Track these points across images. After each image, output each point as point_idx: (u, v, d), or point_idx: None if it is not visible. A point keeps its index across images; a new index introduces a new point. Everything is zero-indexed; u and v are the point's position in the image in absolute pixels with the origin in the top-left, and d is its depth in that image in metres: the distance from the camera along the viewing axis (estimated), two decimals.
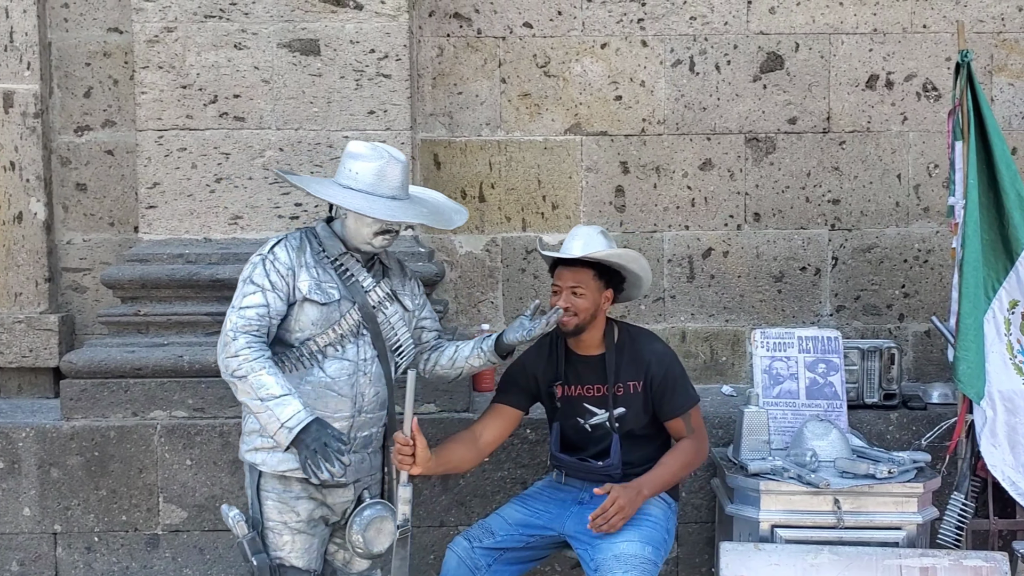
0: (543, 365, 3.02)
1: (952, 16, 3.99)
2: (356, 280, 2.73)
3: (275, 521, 2.67)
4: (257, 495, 2.68)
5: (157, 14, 3.62)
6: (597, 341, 2.99)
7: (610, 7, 4.00)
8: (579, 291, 2.89)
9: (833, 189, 4.06)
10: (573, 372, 3.00)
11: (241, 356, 2.55)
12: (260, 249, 2.72)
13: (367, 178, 2.68)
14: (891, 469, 2.99)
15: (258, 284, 2.64)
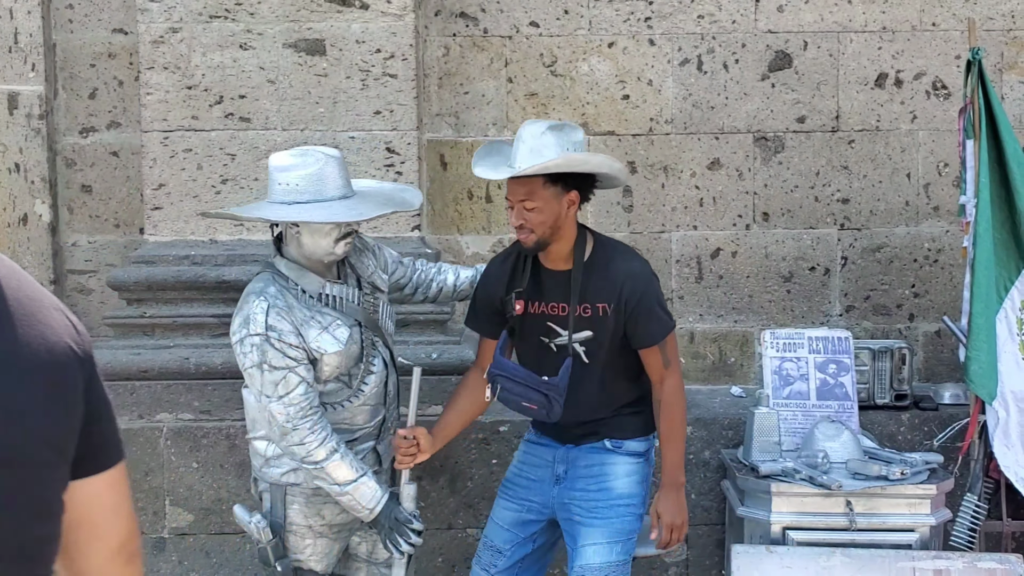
0: (507, 279, 2.75)
1: (962, 14, 3.96)
2: (347, 301, 2.63)
3: (299, 524, 2.65)
4: (283, 500, 2.64)
5: (162, 15, 3.60)
6: (566, 254, 2.70)
7: (617, 6, 3.98)
8: (529, 204, 2.59)
9: (842, 188, 4.03)
10: (538, 287, 2.72)
11: (307, 444, 2.51)
12: (245, 327, 2.53)
13: (309, 186, 2.52)
14: (904, 470, 2.97)
15: (281, 367, 2.50)
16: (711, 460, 3.52)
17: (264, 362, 2.51)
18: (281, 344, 2.50)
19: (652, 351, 2.71)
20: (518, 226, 2.62)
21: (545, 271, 2.72)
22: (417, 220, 3.69)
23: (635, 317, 2.68)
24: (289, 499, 2.65)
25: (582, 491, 2.74)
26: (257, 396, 2.56)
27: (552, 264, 2.72)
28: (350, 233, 2.59)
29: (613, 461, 2.75)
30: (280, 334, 2.50)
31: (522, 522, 2.83)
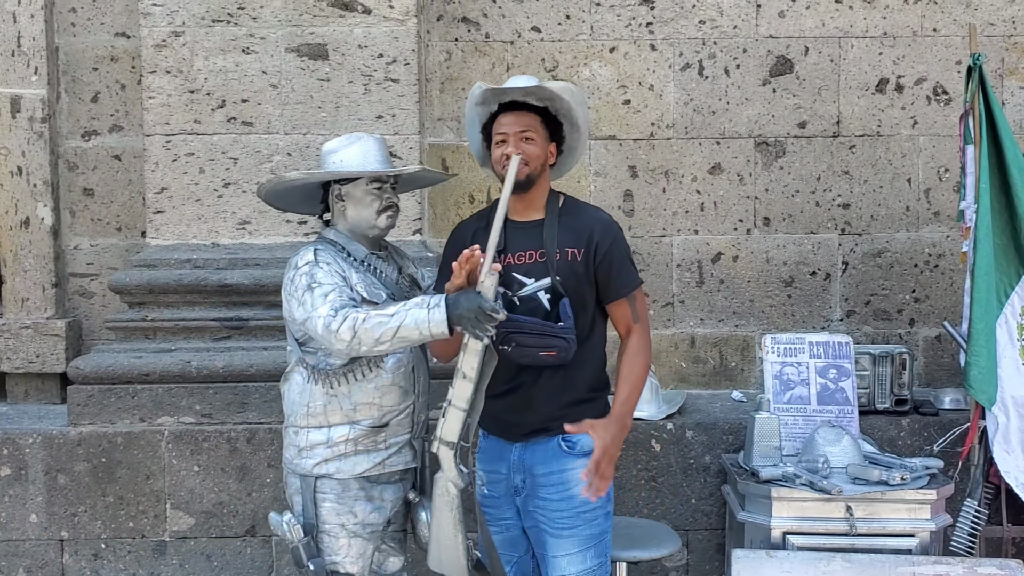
0: (471, 236, 2.64)
1: (962, 20, 3.97)
2: (387, 276, 2.72)
3: (332, 524, 2.63)
4: (313, 499, 2.64)
5: (165, 19, 3.61)
6: (540, 204, 2.65)
7: (619, 11, 3.98)
8: (529, 135, 2.57)
9: (843, 193, 4.04)
10: (510, 241, 2.62)
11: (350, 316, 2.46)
12: (297, 261, 2.61)
13: (354, 159, 2.65)
14: (904, 475, 2.97)
15: (324, 282, 2.54)
16: (712, 465, 3.52)
17: (313, 282, 2.54)
18: (327, 269, 2.57)
19: (621, 304, 2.65)
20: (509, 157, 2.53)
21: (511, 224, 2.61)
22: (419, 224, 3.70)
23: (607, 264, 2.61)
24: (320, 496, 2.63)
25: (543, 500, 2.63)
26: (304, 315, 2.52)
27: (521, 215, 2.64)
28: (391, 206, 2.68)
29: (571, 466, 2.61)
30: (327, 263, 2.58)
31: (510, 541, 2.73)
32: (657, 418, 3.56)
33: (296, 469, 2.67)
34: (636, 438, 3.53)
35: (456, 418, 2.52)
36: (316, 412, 2.62)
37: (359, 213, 2.67)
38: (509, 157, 2.53)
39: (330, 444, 2.62)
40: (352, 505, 2.64)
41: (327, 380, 2.61)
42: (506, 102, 2.61)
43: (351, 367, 2.61)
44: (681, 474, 3.53)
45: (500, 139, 2.59)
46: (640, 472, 3.53)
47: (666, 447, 3.53)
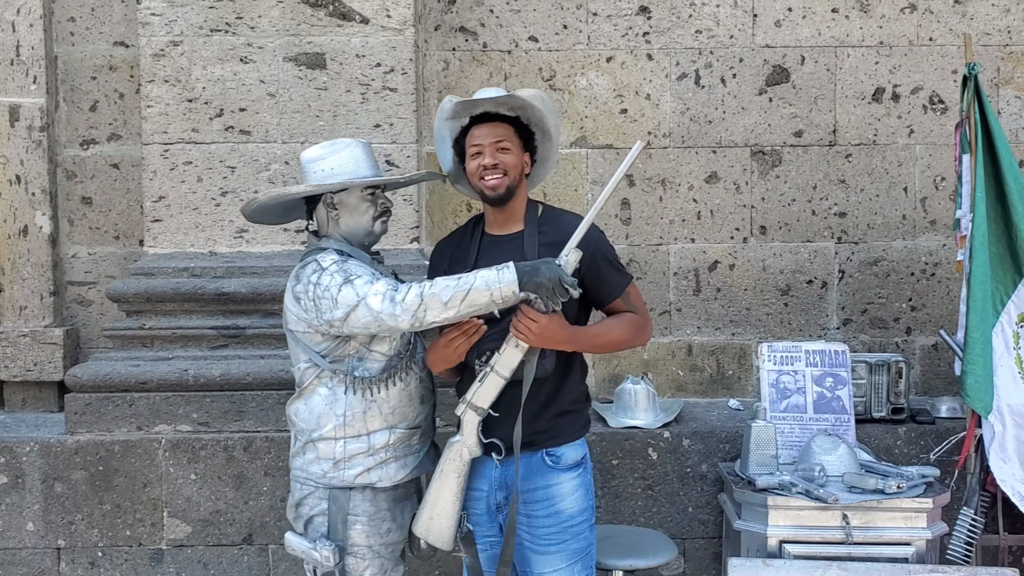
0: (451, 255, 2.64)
1: (958, 29, 3.99)
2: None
3: (360, 546, 2.60)
4: (345, 520, 2.59)
5: (163, 28, 3.63)
6: (519, 215, 2.62)
7: (615, 21, 4.00)
8: (504, 145, 2.54)
9: (839, 202, 4.05)
10: (485, 257, 2.58)
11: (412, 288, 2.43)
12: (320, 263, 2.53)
13: (346, 166, 2.59)
14: (900, 484, 2.97)
15: (363, 273, 2.50)
16: (708, 473, 3.52)
17: (349, 275, 2.49)
18: (357, 263, 2.55)
19: (616, 304, 2.63)
20: (492, 166, 2.52)
21: (490, 238, 2.61)
22: (416, 232, 3.71)
23: (594, 271, 2.58)
24: (351, 518, 2.59)
25: (528, 517, 2.58)
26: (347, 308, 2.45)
27: (501, 228, 2.61)
28: (386, 211, 2.66)
29: (556, 481, 2.58)
30: (348, 260, 2.55)
31: (494, 558, 2.65)
32: (654, 426, 3.56)
33: (332, 483, 2.59)
34: (633, 446, 3.53)
35: (494, 385, 2.50)
36: (353, 421, 2.57)
37: (355, 221, 2.63)
38: (487, 168, 2.52)
39: (371, 452, 2.58)
40: (380, 525, 2.61)
41: (366, 387, 2.56)
42: (478, 114, 2.58)
43: (390, 373, 2.58)
44: (678, 482, 3.53)
45: (475, 151, 2.56)
46: (637, 480, 3.53)
47: (663, 455, 3.53)
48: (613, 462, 3.53)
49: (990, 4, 4.01)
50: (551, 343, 2.48)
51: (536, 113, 2.61)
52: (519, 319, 2.45)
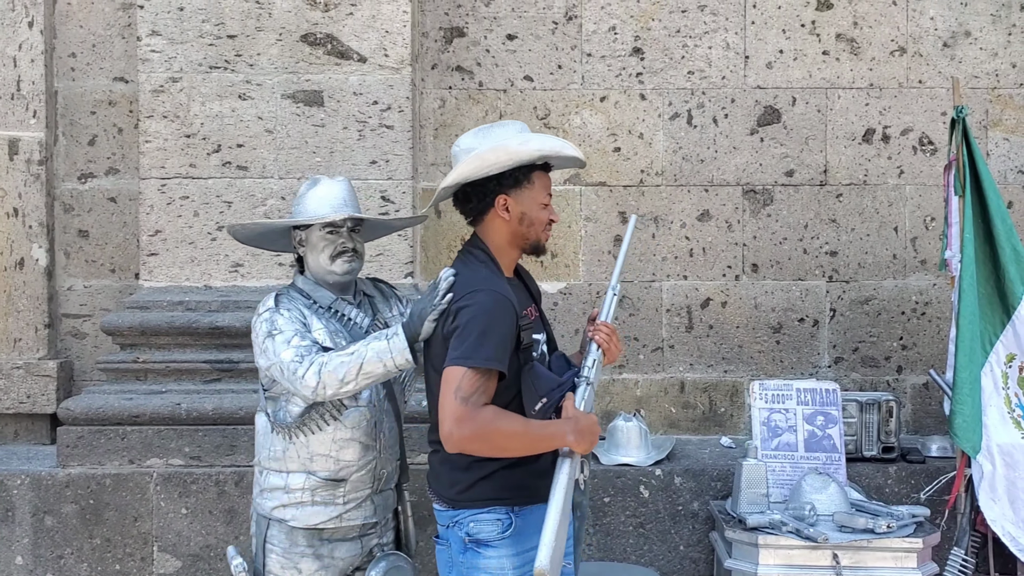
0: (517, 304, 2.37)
1: (947, 72, 4.05)
2: (354, 323, 2.68)
3: (275, 575, 2.63)
4: (263, 546, 2.64)
5: (163, 64, 3.67)
6: None
7: (609, 61, 4.06)
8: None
9: (830, 241, 4.09)
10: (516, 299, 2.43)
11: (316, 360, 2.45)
12: (261, 309, 2.63)
13: (310, 205, 2.66)
14: (890, 524, 2.97)
15: (285, 328, 2.54)
16: (700, 511, 3.52)
17: (273, 329, 2.55)
18: (288, 316, 2.57)
19: None
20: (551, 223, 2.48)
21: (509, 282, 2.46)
22: (410, 267, 3.74)
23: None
24: (268, 547, 2.62)
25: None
26: (268, 362, 2.54)
27: (508, 271, 2.49)
28: (344, 251, 2.64)
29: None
30: (289, 310, 2.59)
31: None
32: (646, 464, 3.57)
33: (257, 508, 2.68)
34: (625, 484, 3.53)
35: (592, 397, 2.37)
36: (276, 456, 2.62)
37: (316, 259, 2.65)
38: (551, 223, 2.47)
39: (287, 490, 2.60)
40: (298, 561, 2.60)
41: (283, 429, 2.60)
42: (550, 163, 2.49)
43: (305, 419, 2.58)
44: (669, 520, 3.53)
45: (548, 202, 2.47)
46: (628, 518, 3.53)
47: (654, 493, 3.53)
48: (605, 499, 3.53)
49: (978, 48, 4.07)
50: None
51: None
52: (601, 330, 2.43)
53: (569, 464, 2.26)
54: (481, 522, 2.32)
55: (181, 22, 3.67)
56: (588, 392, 2.36)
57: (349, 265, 2.65)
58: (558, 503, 2.19)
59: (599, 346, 2.42)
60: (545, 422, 2.28)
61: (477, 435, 2.22)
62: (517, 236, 2.43)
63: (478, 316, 2.25)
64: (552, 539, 2.15)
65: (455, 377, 2.22)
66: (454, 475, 2.35)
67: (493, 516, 2.32)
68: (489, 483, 2.32)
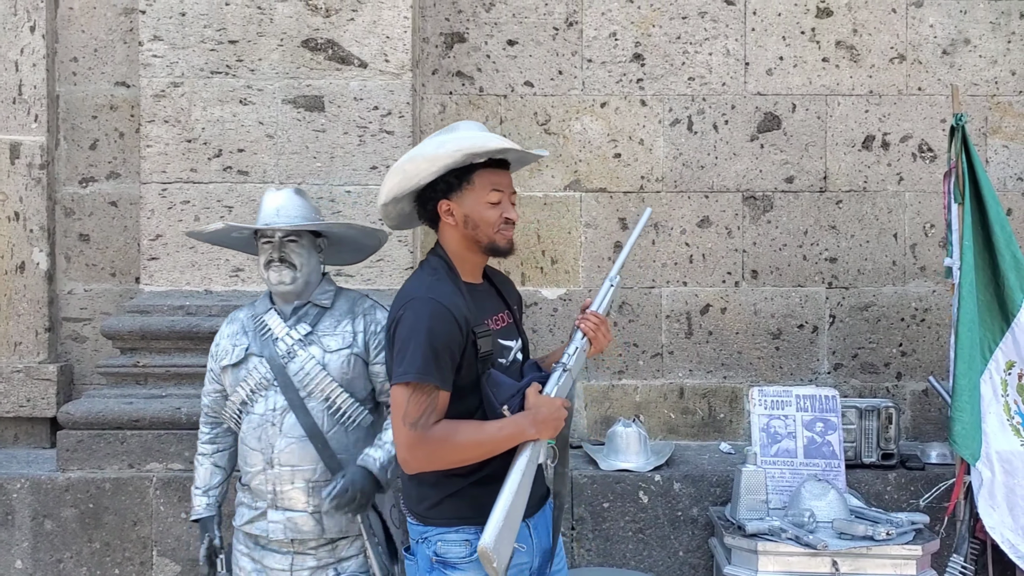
0: (464, 309, 2.26)
1: (947, 79, 4.06)
2: (270, 331, 2.65)
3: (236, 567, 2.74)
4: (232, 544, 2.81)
5: (164, 69, 3.68)
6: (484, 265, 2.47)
7: (610, 67, 4.07)
8: (513, 197, 2.39)
9: (830, 247, 4.09)
10: (480, 307, 2.35)
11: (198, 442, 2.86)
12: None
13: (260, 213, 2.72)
14: (889, 531, 2.97)
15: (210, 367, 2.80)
16: (699, 517, 3.52)
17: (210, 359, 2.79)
18: (214, 349, 2.76)
19: None
20: (508, 221, 2.33)
21: (470, 287, 2.36)
22: (409, 273, 3.73)
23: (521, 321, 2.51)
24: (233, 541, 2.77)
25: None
26: None
27: (472, 277, 2.39)
28: (271, 261, 2.63)
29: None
30: (218, 340, 2.76)
31: None
32: (645, 469, 3.57)
33: None
34: (624, 489, 3.53)
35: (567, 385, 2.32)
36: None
37: (259, 268, 2.71)
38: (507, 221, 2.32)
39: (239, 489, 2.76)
40: (239, 558, 2.72)
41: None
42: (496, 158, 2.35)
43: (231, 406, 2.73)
44: (669, 526, 3.54)
45: (497, 199, 2.32)
46: (628, 524, 3.53)
47: (654, 499, 3.53)
48: (604, 505, 3.53)
49: (977, 55, 4.08)
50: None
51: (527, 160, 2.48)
52: (589, 319, 2.36)
53: (530, 449, 2.22)
54: (449, 542, 2.26)
55: (183, 27, 3.68)
56: (564, 378, 2.31)
57: (278, 275, 2.62)
58: (512, 485, 2.16)
59: (584, 334, 2.36)
60: (502, 422, 2.22)
61: (432, 457, 2.20)
62: (468, 240, 2.34)
63: (413, 327, 2.20)
64: (501, 517, 2.12)
65: (400, 400, 2.19)
66: (422, 490, 2.30)
67: (461, 536, 2.26)
68: (457, 500, 2.27)
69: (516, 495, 2.16)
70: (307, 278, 2.67)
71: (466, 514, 2.25)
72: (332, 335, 2.65)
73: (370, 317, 2.70)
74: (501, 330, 2.37)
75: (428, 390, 2.18)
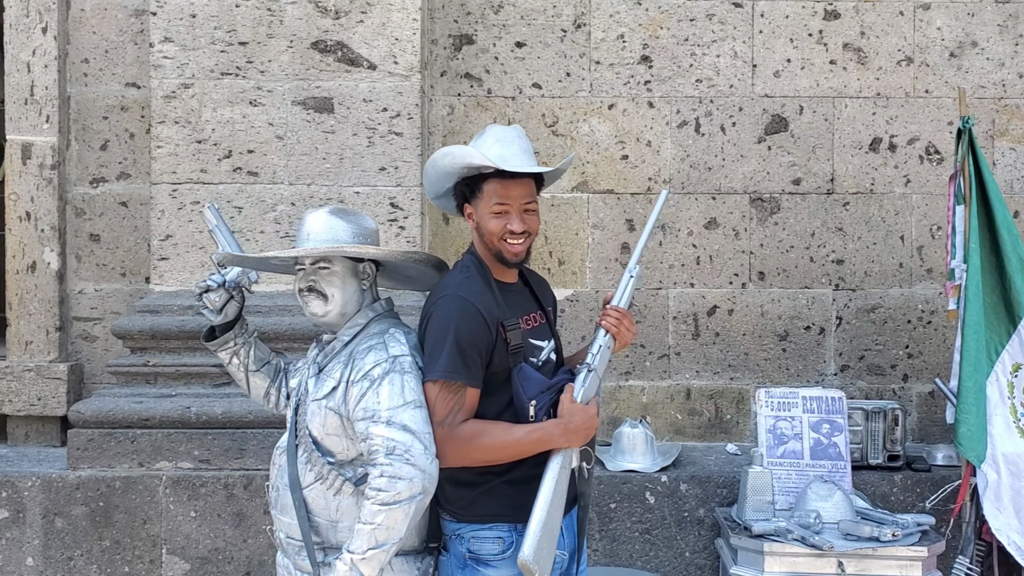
0: (494, 307, 2.27)
1: (954, 81, 4.07)
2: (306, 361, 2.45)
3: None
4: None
5: (175, 71, 3.71)
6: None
7: (618, 69, 4.08)
8: (531, 206, 2.33)
9: (837, 249, 4.10)
10: (513, 305, 2.35)
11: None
12: None
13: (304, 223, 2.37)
14: (895, 532, 2.98)
15: None
16: (705, 518, 3.53)
17: None
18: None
19: None
20: (520, 232, 2.30)
21: (503, 286, 2.37)
22: None
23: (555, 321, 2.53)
24: None
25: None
26: None
27: (508, 277, 2.40)
28: (302, 290, 2.32)
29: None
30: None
31: None
32: (652, 470, 3.59)
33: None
34: (630, 490, 3.55)
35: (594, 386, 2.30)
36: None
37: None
38: (514, 234, 2.29)
39: None
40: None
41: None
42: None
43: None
44: (675, 527, 3.55)
45: (501, 209, 2.30)
46: (634, 524, 3.55)
47: (660, 499, 3.55)
48: (611, 505, 3.54)
49: (985, 58, 4.09)
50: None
51: (556, 174, 2.47)
52: (610, 314, 2.35)
53: (562, 456, 2.23)
54: (482, 539, 2.27)
55: (193, 29, 3.70)
56: (590, 379, 2.31)
57: (313, 307, 2.31)
58: (546, 494, 2.17)
59: (607, 331, 2.36)
60: (533, 426, 2.23)
61: (458, 455, 2.21)
62: (483, 245, 2.36)
63: (441, 326, 2.23)
64: (538, 530, 2.13)
65: (430, 397, 2.21)
66: (456, 490, 2.29)
67: (495, 534, 2.26)
68: (491, 498, 2.27)
69: (551, 504, 2.18)
70: (342, 308, 2.32)
71: (500, 512, 2.26)
72: (329, 379, 2.30)
73: (360, 361, 2.25)
74: (533, 330, 2.37)
75: (455, 388, 2.21)
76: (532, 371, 2.30)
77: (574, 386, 2.29)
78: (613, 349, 2.38)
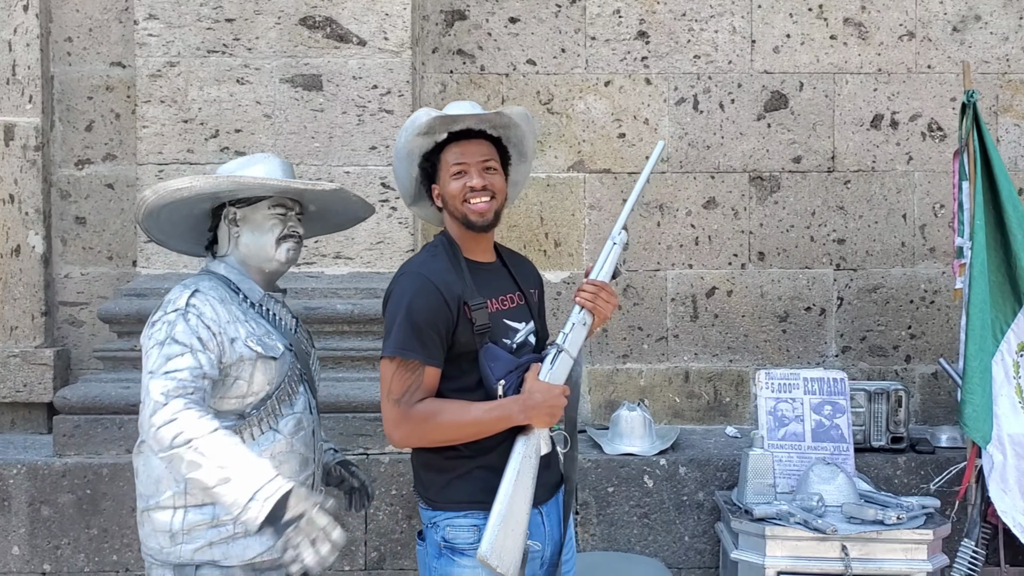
0: (456, 283, 2.21)
1: (957, 57, 3.99)
2: (285, 323, 2.39)
3: None
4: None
5: (160, 49, 3.62)
6: (492, 244, 2.38)
7: (614, 45, 4.00)
8: (491, 164, 2.26)
9: (838, 228, 4.03)
10: (484, 284, 2.26)
11: (180, 419, 2.05)
12: (168, 304, 2.22)
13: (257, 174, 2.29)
14: (900, 515, 2.92)
15: (184, 343, 2.14)
16: (705, 502, 3.47)
17: (169, 336, 2.15)
18: (197, 323, 2.17)
19: None
20: (481, 188, 2.22)
21: (474, 265, 2.29)
22: (410, 255, 3.67)
23: (542, 305, 2.45)
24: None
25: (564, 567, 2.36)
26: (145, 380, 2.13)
27: (481, 256, 2.32)
28: (292, 236, 2.32)
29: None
30: (200, 315, 2.19)
31: None
32: (650, 453, 3.52)
33: (169, 559, 2.21)
34: (629, 474, 3.48)
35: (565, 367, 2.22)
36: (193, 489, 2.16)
37: (256, 241, 2.31)
38: (474, 190, 2.22)
39: (215, 524, 2.19)
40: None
41: None
42: (457, 131, 2.28)
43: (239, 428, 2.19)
44: (674, 511, 3.48)
45: (458, 170, 2.24)
46: (633, 508, 3.48)
47: (659, 483, 3.48)
48: (609, 489, 3.48)
49: (988, 32, 4.01)
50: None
51: (519, 133, 2.37)
52: (586, 288, 2.25)
53: (523, 442, 2.16)
54: (457, 527, 2.19)
55: (179, 5, 3.61)
56: (560, 359, 2.21)
57: (293, 254, 2.34)
58: (507, 486, 2.12)
59: (581, 307, 2.26)
60: (491, 404, 2.16)
61: (415, 434, 2.18)
62: (452, 220, 2.30)
63: (398, 303, 2.18)
64: (498, 523, 2.08)
65: (386, 375, 2.17)
66: (429, 476, 2.24)
67: (469, 521, 2.18)
68: (465, 483, 2.20)
69: (513, 496, 2.12)
70: None
71: (475, 498, 2.19)
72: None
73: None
74: (508, 311, 2.29)
75: (412, 366, 2.15)
76: (499, 351, 2.22)
77: (541, 366, 2.21)
78: (592, 326, 2.27)
